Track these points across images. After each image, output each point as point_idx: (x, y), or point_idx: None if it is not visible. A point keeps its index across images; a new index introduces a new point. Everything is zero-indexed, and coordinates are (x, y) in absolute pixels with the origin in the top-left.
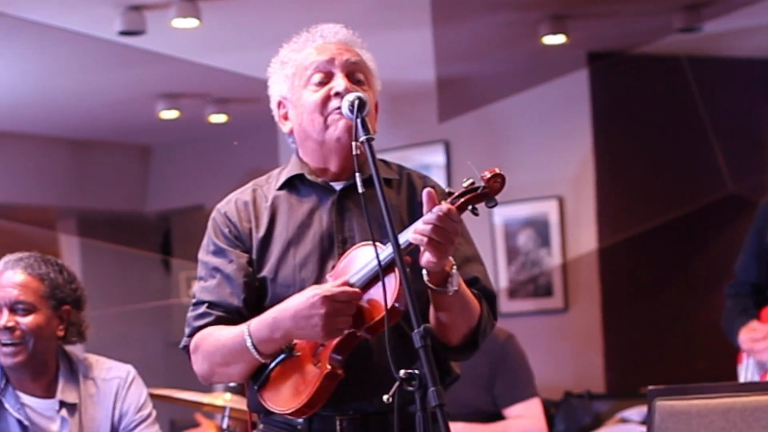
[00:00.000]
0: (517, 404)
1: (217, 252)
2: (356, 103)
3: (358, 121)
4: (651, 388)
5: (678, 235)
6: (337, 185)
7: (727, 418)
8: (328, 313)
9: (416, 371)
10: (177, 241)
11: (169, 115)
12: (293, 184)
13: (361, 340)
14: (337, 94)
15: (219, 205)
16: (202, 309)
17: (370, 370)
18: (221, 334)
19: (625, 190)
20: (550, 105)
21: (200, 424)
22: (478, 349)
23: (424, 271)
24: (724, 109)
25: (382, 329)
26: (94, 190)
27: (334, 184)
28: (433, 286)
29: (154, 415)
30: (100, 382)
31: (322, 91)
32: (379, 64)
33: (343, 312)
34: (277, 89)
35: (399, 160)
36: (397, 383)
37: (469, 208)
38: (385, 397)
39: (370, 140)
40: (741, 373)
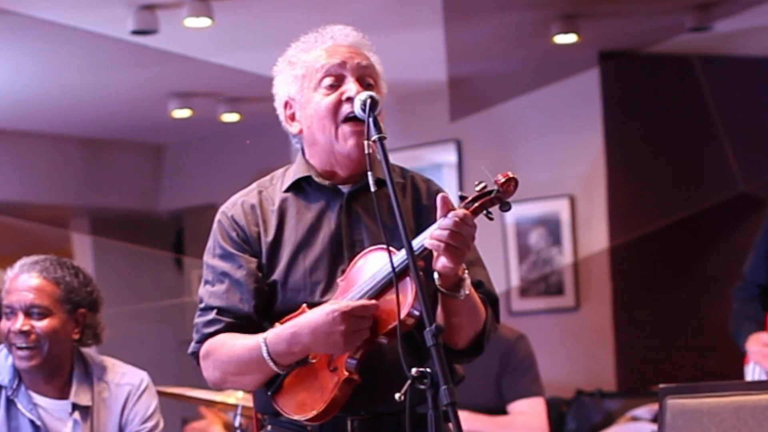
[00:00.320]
0: (521, 400)
1: (225, 256)
2: (368, 102)
3: (370, 120)
4: (662, 386)
5: (689, 233)
6: (345, 188)
7: (738, 416)
8: (348, 330)
9: (428, 369)
10: (189, 240)
11: (182, 114)
12: (300, 186)
13: (377, 345)
14: (349, 99)
15: (224, 208)
16: (211, 315)
17: (381, 372)
18: (235, 344)
19: (637, 189)
20: (562, 104)
21: (205, 416)
22: (483, 353)
23: (436, 275)
24: (735, 109)
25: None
26: (106, 189)
27: (341, 187)
28: (444, 291)
29: (160, 428)
30: (113, 387)
31: (334, 96)
32: (391, 64)
33: (362, 326)
34: (284, 89)
35: (411, 159)
36: (409, 381)
37: (484, 212)
38: (397, 395)
39: (382, 139)
40: (748, 373)
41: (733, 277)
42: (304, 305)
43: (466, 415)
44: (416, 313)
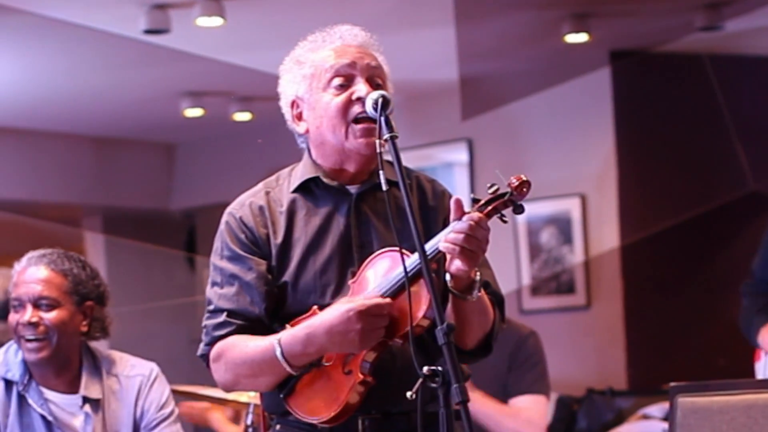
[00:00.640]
0: (524, 396)
1: (234, 258)
2: (380, 101)
3: (382, 119)
4: (673, 384)
5: (700, 232)
6: (353, 189)
7: (749, 414)
8: (364, 328)
9: (439, 368)
10: (201, 239)
11: (194, 113)
12: (308, 187)
13: (391, 346)
14: (359, 99)
15: (231, 208)
16: (221, 318)
17: (393, 372)
18: (248, 346)
19: (647, 188)
20: (573, 103)
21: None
22: (491, 353)
23: (448, 277)
24: (746, 107)
25: (414, 334)
26: (119, 188)
27: (349, 188)
28: (457, 293)
29: (176, 414)
30: (123, 379)
31: (343, 96)
32: (403, 63)
33: (378, 325)
34: (291, 88)
35: (422, 158)
36: (420, 380)
37: (498, 215)
38: (408, 394)
39: (394, 139)
40: (759, 370)
41: (743, 276)
42: (315, 307)
43: (475, 396)
44: (431, 315)
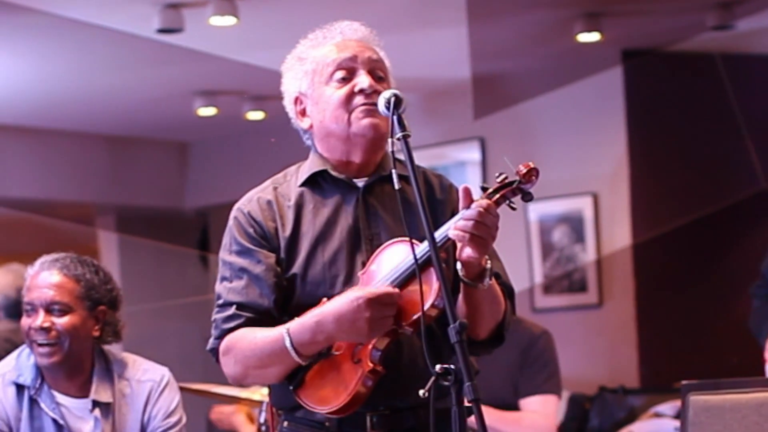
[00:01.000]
0: (535, 396)
1: (243, 252)
2: (392, 100)
3: (395, 117)
4: (685, 382)
5: (711, 231)
6: (360, 182)
7: (760, 412)
8: (373, 316)
9: (452, 366)
10: (214, 237)
11: (207, 112)
12: (315, 180)
13: (400, 335)
14: (361, 91)
15: (239, 204)
16: (230, 311)
17: (400, 367)
18: (256, 337)
19: (659, 187)
20: (585, 102)
21: (231, 404)
22: (504, 343)
23: (459, 265)
24: (758, 106)
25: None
26: (132, 187)
27: (356, 181)
28: (468, 281)
29: (183, 423)
30: (134, 384)
31: (346, 88)
32: (416, 62)
33: (387, 314)
34: (294, 85)
35: (434, 156)
36: (433, 378)
37: (507, 202)
38: (421, 392)
39: (406, 137)
40: None
41: (755, 274)
42: (324, 299)
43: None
44: (440, 304)
